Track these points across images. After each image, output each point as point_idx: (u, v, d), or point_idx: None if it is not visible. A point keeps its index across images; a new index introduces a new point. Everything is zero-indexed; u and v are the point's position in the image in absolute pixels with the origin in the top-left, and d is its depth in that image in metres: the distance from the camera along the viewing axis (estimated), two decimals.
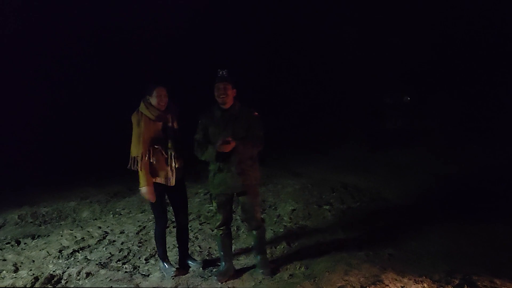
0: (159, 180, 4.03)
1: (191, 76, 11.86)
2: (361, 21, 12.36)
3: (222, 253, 4.18)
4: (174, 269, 4.20)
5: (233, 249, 4.40)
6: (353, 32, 12.53)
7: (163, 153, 4.00)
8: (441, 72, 11.38)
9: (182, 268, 4.30)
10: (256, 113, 3.95)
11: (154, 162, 3.96)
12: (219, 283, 3.98)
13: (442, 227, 5.03)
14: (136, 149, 3.92)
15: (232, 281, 4.01)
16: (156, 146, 3.96)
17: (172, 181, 4.07)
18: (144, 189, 3.96)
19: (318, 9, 12.79)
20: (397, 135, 10.83)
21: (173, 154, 4.04)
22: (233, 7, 12.91)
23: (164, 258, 4.27)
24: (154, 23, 12.47)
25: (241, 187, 3.90)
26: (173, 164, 4.04)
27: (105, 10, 11.92)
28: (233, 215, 4.75)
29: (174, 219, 4.54)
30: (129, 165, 3.97)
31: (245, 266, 4.33)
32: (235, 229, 5.32)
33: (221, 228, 4.10)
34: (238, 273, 4.15)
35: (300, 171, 8.33)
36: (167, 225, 4.43)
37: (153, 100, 3.97)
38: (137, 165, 3.90)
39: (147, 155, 3.92)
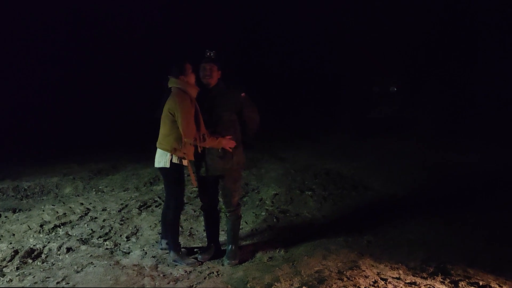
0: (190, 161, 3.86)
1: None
2: (351, 10, 12.33)
3: (206, 233, 4.30)
4: (195, 261, 3.99)
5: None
6: (343, 20, 12.50)
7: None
8: (431, 62, 11.43)
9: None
10: (243, 94, 3.92)
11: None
12: (202, 261, 4.04)
13: (422, 216, 5.11)
14: (191, 132, 3.66)
15: (212, 261, 4.06)
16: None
17: None
18: (222, 142, 3.77)
19: None
20: (384, 124, 10.91)
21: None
22: None
23: (179, 250, 4.02)
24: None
25: (221, 171, 3.92)
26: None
27: None
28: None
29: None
30: (181, 153, 3.75)
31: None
32: None
33: (204, 210, 4.18)
34: (221, 253, 4.18)
35: (284, 156, 8.38)
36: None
37: (191, 78, 3.82)
38: (201, 141, 3.69)
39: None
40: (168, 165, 3.81)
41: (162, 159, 3.84)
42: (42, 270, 3.91)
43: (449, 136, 9.43)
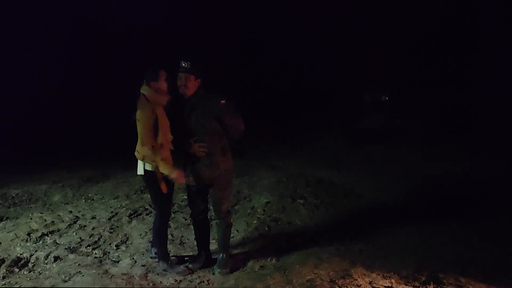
0: None
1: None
2: (341, 19, 12.40)
3: (196, 241, 4.26)
4: (185, 269, 3.99)
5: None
6: (334, 29, 12.56)
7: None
8: (422, 70, 11.49)
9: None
10: (223, 101, 3.78)
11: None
12: (193, 270, 4.00)
13: (413, 225, 5.09)
14: (147, 140, 3.64)
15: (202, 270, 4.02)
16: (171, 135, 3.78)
17: None
18: (175, 173, 3.67)
19: (299, 5, 12.77)
20: (375, 132, 10.91)
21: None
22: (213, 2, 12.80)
23: (168, 259, 4.03)
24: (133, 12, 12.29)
25: (209, 179, 3.88)
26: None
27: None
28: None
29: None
30: (150, 160, 3.70)
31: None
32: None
33: (194, 218, 4.14)
34: (212, 262, 4.13)
35: (276, 164, 8.34)
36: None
37: (163, 85, 3.75)
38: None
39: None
40: (143, 173, 3.82)
41: (140, 166, 3.84)
42: (28, 279, 3.84)
43: (439, 144, 9.44)
